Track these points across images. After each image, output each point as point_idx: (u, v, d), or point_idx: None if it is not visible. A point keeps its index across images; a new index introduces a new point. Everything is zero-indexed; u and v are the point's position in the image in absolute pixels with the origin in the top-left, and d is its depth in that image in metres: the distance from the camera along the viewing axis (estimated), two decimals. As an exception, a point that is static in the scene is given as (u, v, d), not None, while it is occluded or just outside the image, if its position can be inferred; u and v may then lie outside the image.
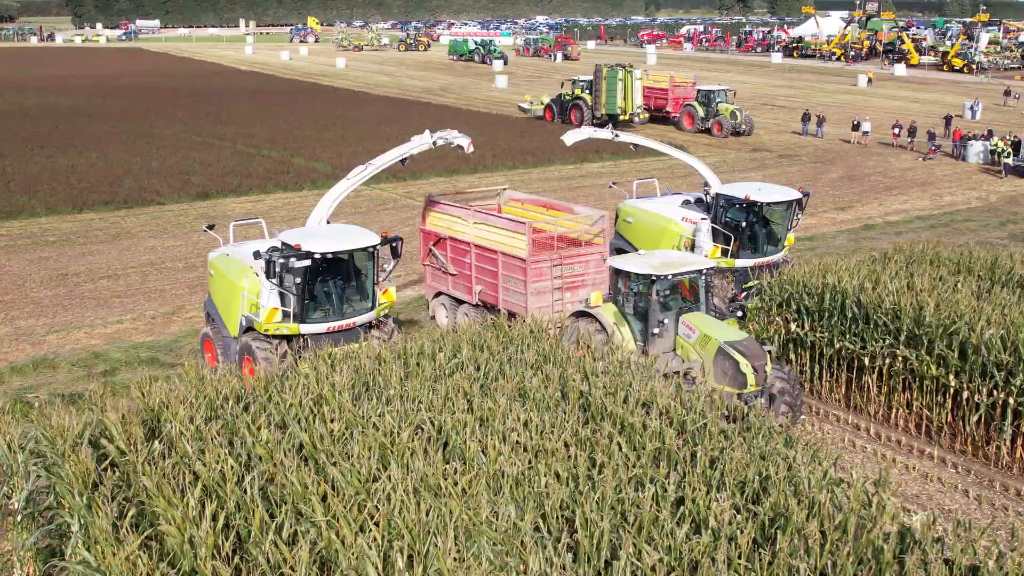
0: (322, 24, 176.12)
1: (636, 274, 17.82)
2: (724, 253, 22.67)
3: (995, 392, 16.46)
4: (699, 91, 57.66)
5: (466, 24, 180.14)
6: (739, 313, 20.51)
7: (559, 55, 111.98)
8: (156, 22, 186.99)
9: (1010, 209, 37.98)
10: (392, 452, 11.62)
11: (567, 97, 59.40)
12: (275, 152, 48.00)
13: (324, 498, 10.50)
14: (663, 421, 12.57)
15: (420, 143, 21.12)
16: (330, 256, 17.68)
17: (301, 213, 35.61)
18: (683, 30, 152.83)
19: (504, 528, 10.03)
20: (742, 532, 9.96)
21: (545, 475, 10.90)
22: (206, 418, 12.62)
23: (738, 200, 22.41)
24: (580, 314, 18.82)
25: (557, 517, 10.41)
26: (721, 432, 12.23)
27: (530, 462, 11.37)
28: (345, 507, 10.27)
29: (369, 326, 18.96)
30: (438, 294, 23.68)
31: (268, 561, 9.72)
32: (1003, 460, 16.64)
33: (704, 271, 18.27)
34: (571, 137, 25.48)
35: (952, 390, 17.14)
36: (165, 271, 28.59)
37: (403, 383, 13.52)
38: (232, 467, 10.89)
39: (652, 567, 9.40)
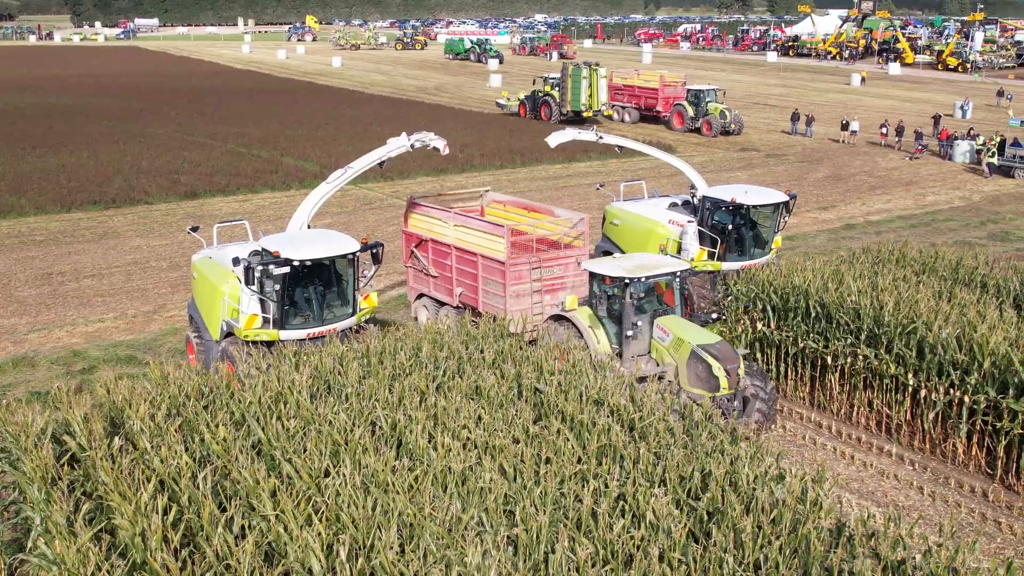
0: (321, 23, 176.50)
1: (609, 277, 17.82)
2: (711, 256, 22.67)
3: (951, 391, 16.76)
4: (689, 91, 57.96)
5: (464, 23, 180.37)
6: (714, 315, 20.68)
7: (555, 54, 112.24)
8: (155, 21, 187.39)
9: (992, 209, 38.24)
10: (345, 449, 11.95)
11: (540, 94, 61.00)
12: (265, 152, 48.31)
13: (274, 493, 10.82)
14: (613, 418, 12.89)
15: (397, 146, 21.12)
16: (309, 263, 17.61)
17: (287, 212, 35.82)
18: (680, 29, 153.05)
19: (446, 522, 10.35)
20: (677, 526, 10.27)
21: (490, 471, 11.21)
22: (167, 415, 12.94)
23: (724, 203, 22.36)
24: (557, 318, 18.89)
25: (499, 511, 10.72)
26: (668, 430, 12.53)
27: (478, 458, 11.69)
28: (294, 502, 10.59)
29: (350, 331, 18.88)
30: (420, 295, 23.71)
31: (216, 554, 10.04)
32: (959, 458, 16.95)
33: (678, 273, 18.30)
34: (555, 139, 25.48)
35: (910, 388, 17.44)
36: (149, 270, 28.90)
37: (362, 381, 13.83)
38: (187, 463, 11.20)
39: (586, 560, 9.71)
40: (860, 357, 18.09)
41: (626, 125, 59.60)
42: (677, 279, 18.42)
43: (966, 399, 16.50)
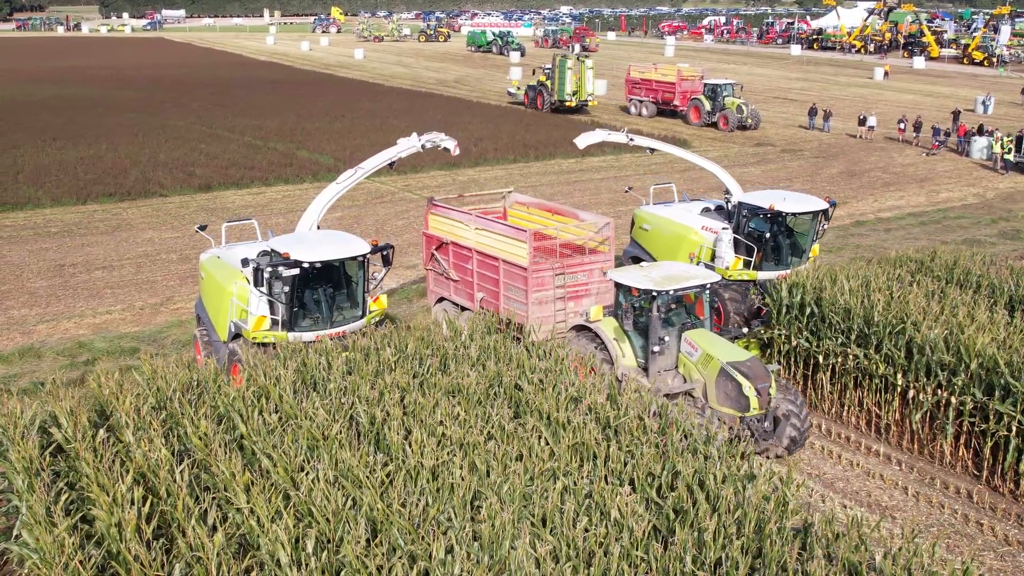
0: (346, 14, 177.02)
1: (636, 288, 17.06)
2: (746, 265, 21.73)
3: (939, 391, 16.81)
4: (706, 85, 57.83)
5: (489, 15, 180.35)
6: (744, 329, 19.84)
7: (577, 47, 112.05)
8: (181, 12, 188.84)
9: (1005, 206, 37.99)
10: (323, 444, 12.20)
11: (539, 84, 63.30)
12: (281, 145, 48.71)
13: (248, 487, 11.08)
14: (589, 416, 13.06)
15: (407, 146, 20.80)
16: (319, 265, 17.35)
17: (298, 206, 36.26)
18: (705, 21, 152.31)
19: (413, 517, 10.58)
20: (640, 524, 10.44)
21: (460, 467, 11.42)
22: (152, 408, 13.25)
23: (762, 210, 21.30)
24: (580, 328, 18.28)
25: (466, 507, 10.93)
26: (640, 427, 12.69)
27: (451, 454, 11.91)
28: (267, 495, 10.86)
29: (360, 335, 18.23)
30: (440, 299, 23.06)
31: (189, 545, 10.32)
32: (946, 459, 16.99)
33: (708, 286, 17.49)
34: (584, 140, 24.52)
35: (899, 388, 17.50)
36: (159, 262, 29.32)
37: (345, 377, 14.08)
38: (165, 455, 11.48)
39: (545, 556, 9.90)
40: (850, 356, 18.16)
41: (643, 119, 59.56)
42: (707, 291, 17.63)
43: (953, 400, 16.56)
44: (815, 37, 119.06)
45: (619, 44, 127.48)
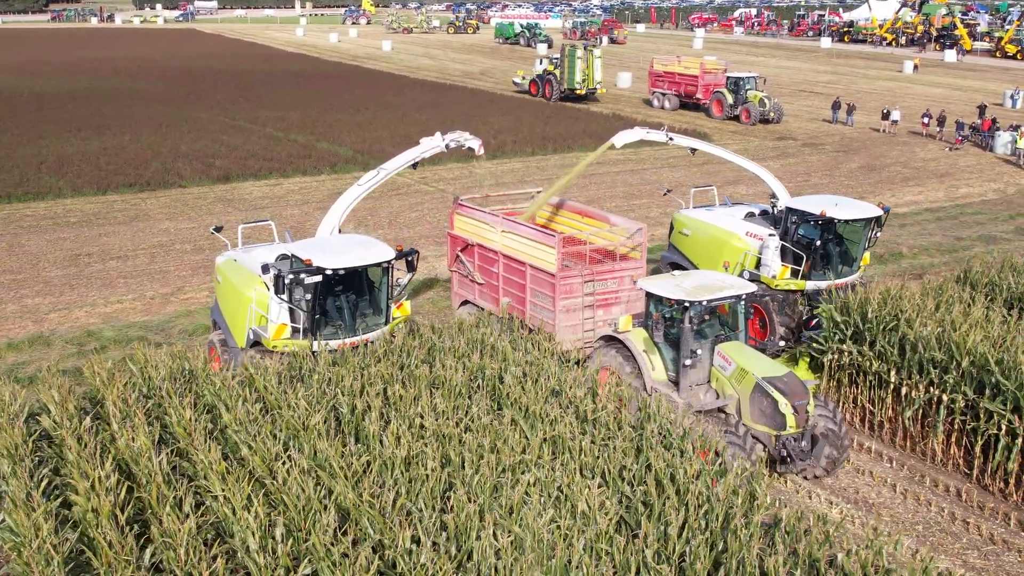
0: (377, 5, 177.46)
1: (668, 299, 16.24)
2: (794, 274, 20.72)
3: (931, 388, 16.76)
4: (728, 78, 57.52)
5: (520, 6, 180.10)
6: (781, 343, 19.31)
7: (605, 39, 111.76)
8: (214, 3, 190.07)
9: (1024, 202, 37.59)
10: (303, 434, 12.42)
11: (546, 73, 65.44)
12: (302, 136, 49.09)
13: (224, 475, 11.32)
14: (568, 410, 13.19)
15: (431, 146, 20.16)
16: (342, 272, 16.67)
17: (314, 198, 36.70)
18: (736, 13, 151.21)
19: (383, 507, 10.76)
20: (604, 517, 10.57)
21: (432, 459, 11.59)
22: (140, 397, 13.54)
23: (813, 216, 20.17)
24: (608, 339, 17.60)
25: (436, 498, 11.11)
26: (615, 421, 12.80)
27: (425, 445, 12.08)
28: (241, 484, 11.08)
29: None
30: (464, 302, 22.42)
31: (163, 532, 10.57)
32: (937, 456, 16.94)
33: (744, 296, 16.66)
34: (622, 139, 22.88)
35: (892, 385, 17.45)
36: (173, 252, 29.74)
37: (330, 368, 14.29)
38: (144, 443, 11.75)
39: (506, 547, 10.06)
40: (845, 353, 18.13)
41: (665, 112, 59.39)
42: (742, 303, 16.84)
43: (944, 397, 16.51)
44: (846, 30, 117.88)
45: (647, 36, 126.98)
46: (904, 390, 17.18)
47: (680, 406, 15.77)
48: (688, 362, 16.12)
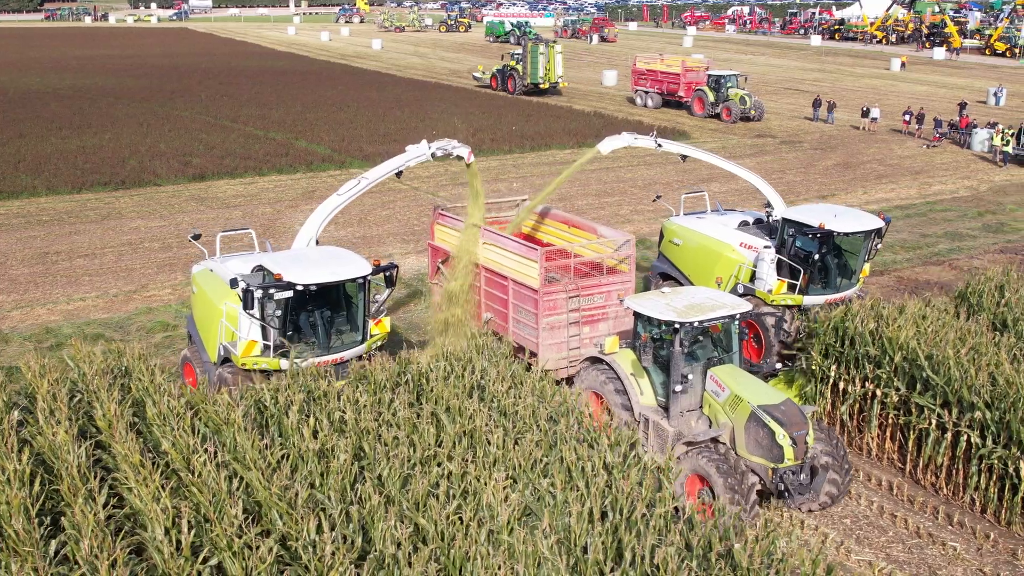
0: (372, 3, 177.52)
1: (657, 319, 15.28)
2: (791, 288, 20.05)
3: (866, 383, 16.95)
4: (709, 76, 57.68)
5: (513, 4, 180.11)
6: (778, 365, 18.79)
7: (595, 37, 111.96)
8: (208, 2, 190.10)
9: (995, 199, 37.74)
10: (225, 428, 12.61)
11: (508, 68, 67.14)
12: (280, 135, 49.26)
13: (139, 467, 11.50)
14: (486, 404, 13.38)
15: (417, 154, 19.21)
16: (315, 288, 15.87)
17: (287, 196, 36.87)
18: (728, 11, 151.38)
19: (291, 499, 10.95)
20: (506, 509, 10.75)
21: (345, 451, 11.78)
22: (73, 392, 13.72)
23: (811, 228, 19.43)
24: (594, 360, 16.71)
25: (345, 491, 11.30)
26: (533, 416, 12.98)
27: (341, 439, 12.27)
28: (154, 476, 11.27)
29: (360, 360, 16.80)
30: None
31: (73, 523, 10.75)
32: (872, 451, 17.13)
33: (738, 316, 15.61)
34: (608, 145, 21.77)
35: (831, 381, 17.64)
36: (141, 251, 29.91)
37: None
38: (63, 437, 11.93)
39: (406, 538, 10.25)
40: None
41: (648, 110, 59.59)
42: (736, 323, 15.77)
43: (878, 392, 16.70)
44: (837, 28, 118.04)
45: (639, 35, 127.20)
46: (841, 385, 17.36)
47: (671, 434, 15.16)
48: (678, 388, 15.19)
